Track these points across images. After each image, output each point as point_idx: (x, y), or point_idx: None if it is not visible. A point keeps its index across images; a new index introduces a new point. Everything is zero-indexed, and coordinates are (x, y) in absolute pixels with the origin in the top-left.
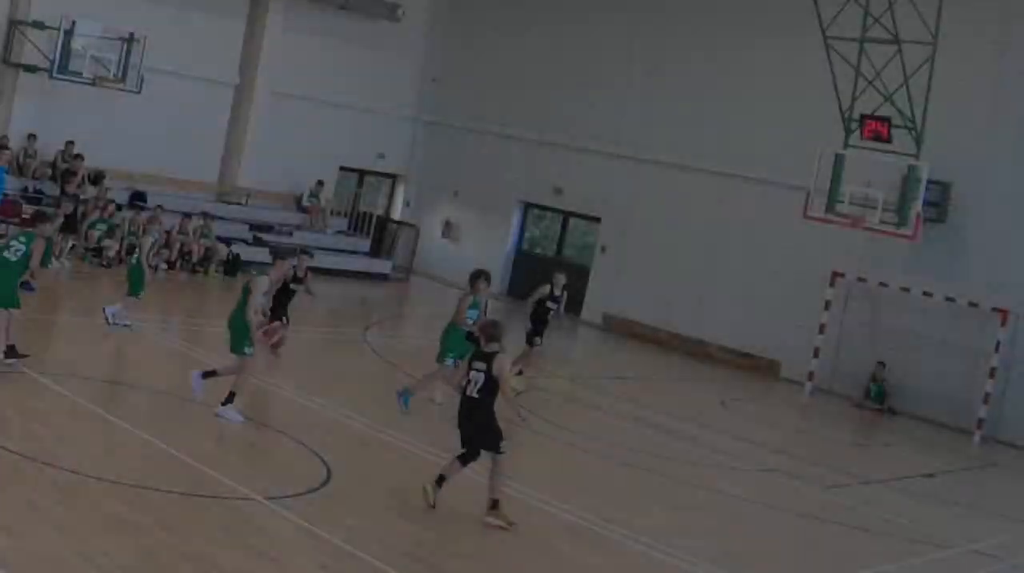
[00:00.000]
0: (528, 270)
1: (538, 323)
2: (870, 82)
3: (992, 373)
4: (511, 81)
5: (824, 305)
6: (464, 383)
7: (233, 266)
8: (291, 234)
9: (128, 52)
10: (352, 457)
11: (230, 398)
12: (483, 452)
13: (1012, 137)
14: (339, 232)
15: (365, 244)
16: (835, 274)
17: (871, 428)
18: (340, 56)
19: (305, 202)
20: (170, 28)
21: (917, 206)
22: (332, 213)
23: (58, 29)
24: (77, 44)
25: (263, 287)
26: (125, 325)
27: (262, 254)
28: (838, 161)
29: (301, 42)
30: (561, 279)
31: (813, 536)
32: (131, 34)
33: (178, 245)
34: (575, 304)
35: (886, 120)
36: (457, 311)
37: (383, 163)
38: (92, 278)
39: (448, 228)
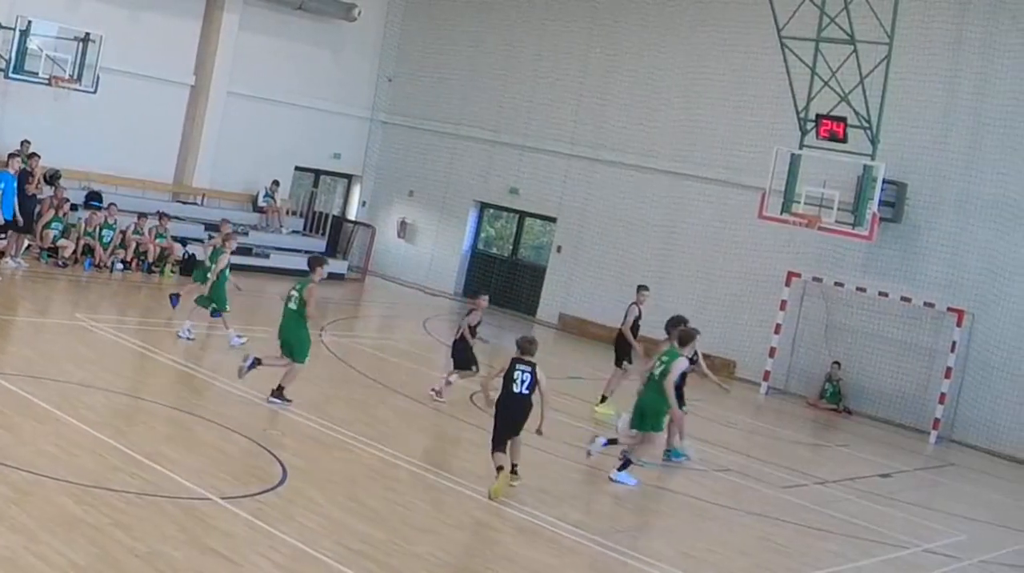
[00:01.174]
0: (484, 270)
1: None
2: (826, 82)
3: (948, 373)
4: (467, 81)
5: (780, 305)
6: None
7: (189, 266)
8: (247, 234)
9: (84, 52)
10: (308, 457)
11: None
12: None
13: (967, 137)
14: (295, 232)
15: (321, 244)
16: (791, 274)
17: (827, 428)
18: (296, 56)
19: (261, 202)
20: (126, 28)
21: (873, 206)
22: (288, 213)
23: (13, 29)
24: (33, 44)
25: (317, 295)
26: (190, 338)
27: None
28: (794, 161)
29: (257, 42)
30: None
31: (769, 536)
32: (87, 34)
33: (134, 245)
34: (531, 304)
35: (842, 120)
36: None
37: (339, 163)
38: (48, 278)
39: (404, 228)
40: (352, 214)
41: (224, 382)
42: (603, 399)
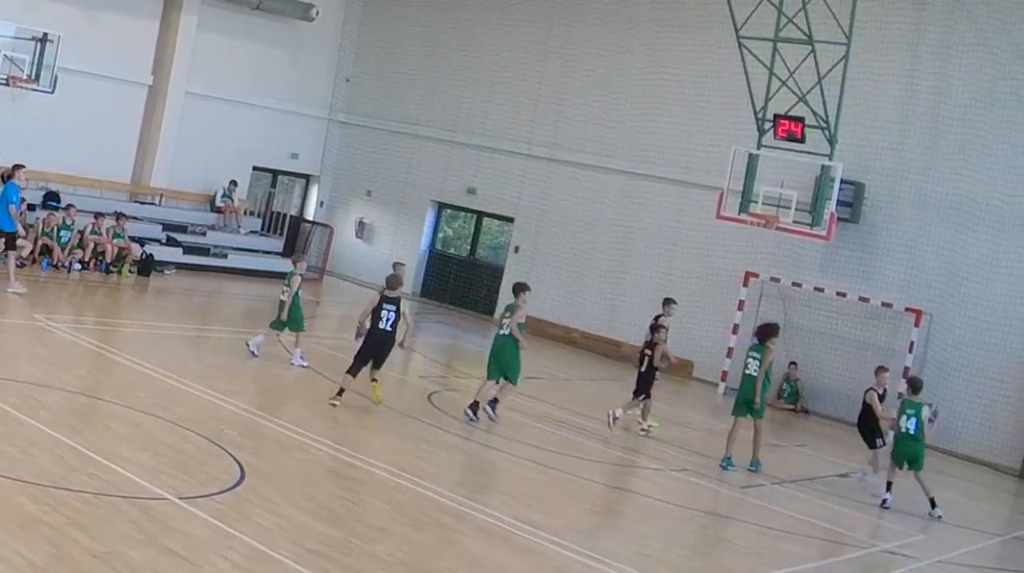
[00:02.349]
0: (441, 270)
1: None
2: (783, 82)
3: (905, 373)
4: (425, 81)
5: (737, 305)
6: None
7: (147, 266)
8: (205, 234)
9: (42, 52)
10: (266, 457)
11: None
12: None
13: (924, 137)
14: (252, 232)
15: (278, 244)
16: (748, 274)
17: (785, 428)
18: (254, 56)
19: (219, 202)
20: (84, 28)
21: (831, 206)
22: (246, 213)
23: None
24: None
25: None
26: (303, 365)
27: (175, 254)
28: (751, 161)
29: (215, 42)
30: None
31: (727, 536)
32: (45, 34)
33: (92, 245)
34: (488, 304)
35: (800, 120)
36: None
37: (296, 163)
38: (5, 278)
39: (362, 228)
40: (310, 214)
41: (182, 382)
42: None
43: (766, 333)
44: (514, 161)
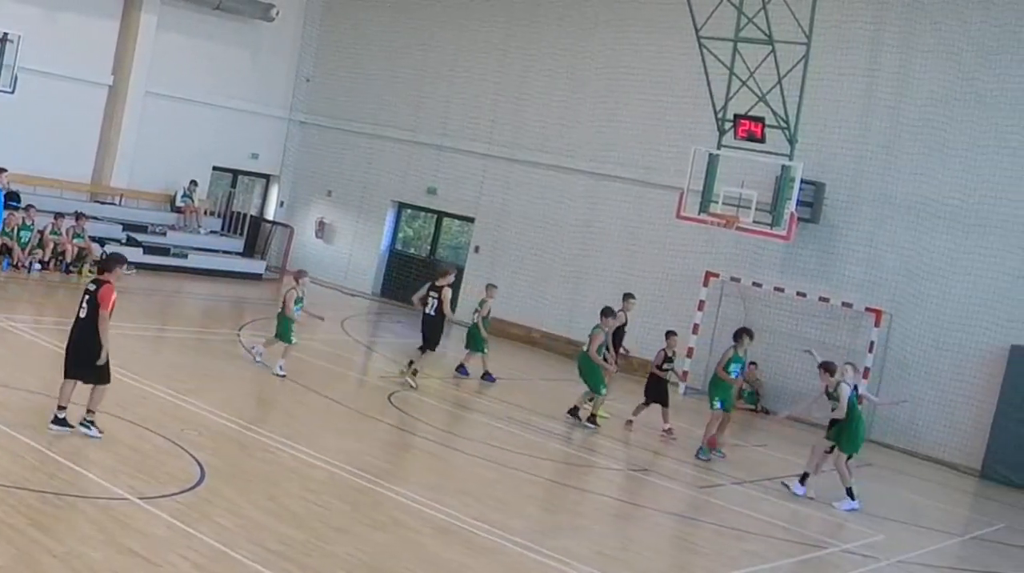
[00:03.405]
0: (402, 270)
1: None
2: (744, 82)
3: (866, 373)
4: (385, 81)
5: (698, 305)
6: None
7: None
8: (165, 234)
9: (1, 52)
10: (225, 457)
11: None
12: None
13: (884, 137)
14: (212, 232)
15: (239, 244)
16: (709, 274)
17: (744, 428)
18: (214, 56)
19: (179, 202)
20: (44, 28)
21: (791, 206)
22: (206, 213)
23: None
24: None
25: (599, 341)
26: (257, 360)
27: (136, 254)
28: (712, 161)
29: (175, 42)
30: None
31: (686, 536)
32: (4, 34)
33: (52, 245)
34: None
35: (760, 120)
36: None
37: (257, 163)
38: None
39: (322, 228)
40: (270, 214)
41: (142, 382)
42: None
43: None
44: (474, 161)
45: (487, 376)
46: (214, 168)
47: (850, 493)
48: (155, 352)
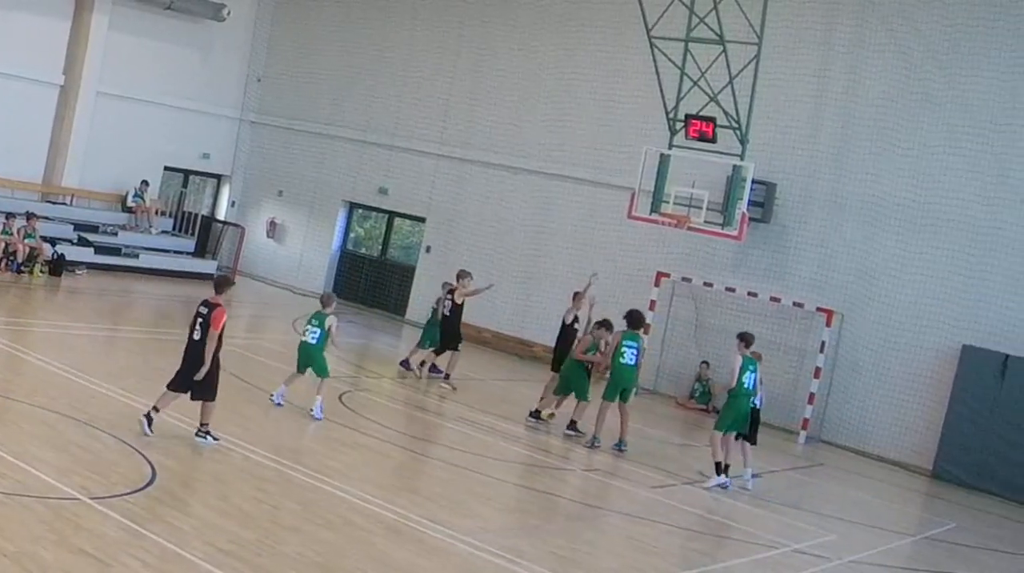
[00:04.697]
0: (353, 270)
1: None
2: (695, 82)
3: (817, 373)
4: (336, 81)
5: (649, 305)
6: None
7: (58, 266)
8: (116, 234)
9: None
10: (177, 457)
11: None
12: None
13: (834, 138)
14: (164, 232)
15: (190, 244)
16: (660, 274)
17: (696, 428)
18: (165, 56)
19: (130, 202)
20: None
21: (742, 206)
22: (157, 213)
23: None
24: None
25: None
26: (279, 404)
27: (87, 254)
28: (663, 161)
29: (126, 42)
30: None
31: (638, 536)
32: None
33: (3, 245)
34: (399, 304)
35: (711, 120)
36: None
37: (208, 163)
38: None
39: (273, 228)
40: (221, 214)
41: (93, 382)
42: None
43: (640, 321)
44: (426, 161)
45: (435, 369)
46: (165, 168)
47: (718, 468)
48: (106, 352)
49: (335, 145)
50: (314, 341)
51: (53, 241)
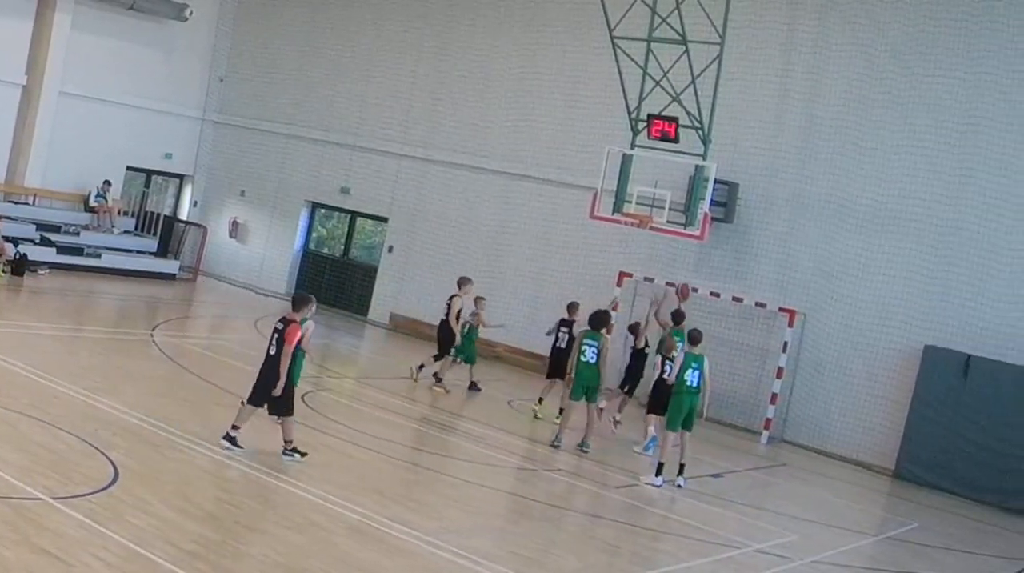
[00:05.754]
0: (315, 270)
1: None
2: (657, 82)
3: (779, 373)
4: (298, 81)
5: (612, 305)
6: None
7: (20, 266)
8: (78, 234)
9: None
10: (139, 457)
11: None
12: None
13: (798, 138)
14: (126, 232)
15: (152, 244)
16: (622, 274)
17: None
18: (128, 56)
19: (92, 202)
20: None
21: (704, 206)
22: (119, 213)
23: None
24: None
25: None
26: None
27: (49, 254)
28: (625, 161)
29: (89, 42)
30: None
31: (601, 536)
32: None
33: None
34: (362, 304)
35: (673, 120)
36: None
37: (170, 163)
38: None
39: (235, 228)
40: (184, 214)
41: (56, 382)
42: None
43: (601, 321)
44: (388, 161)
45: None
46: (128, 168)
47: (659, 469)
48: (69, 352)
49: (297, 145)
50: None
51: (16, 241)
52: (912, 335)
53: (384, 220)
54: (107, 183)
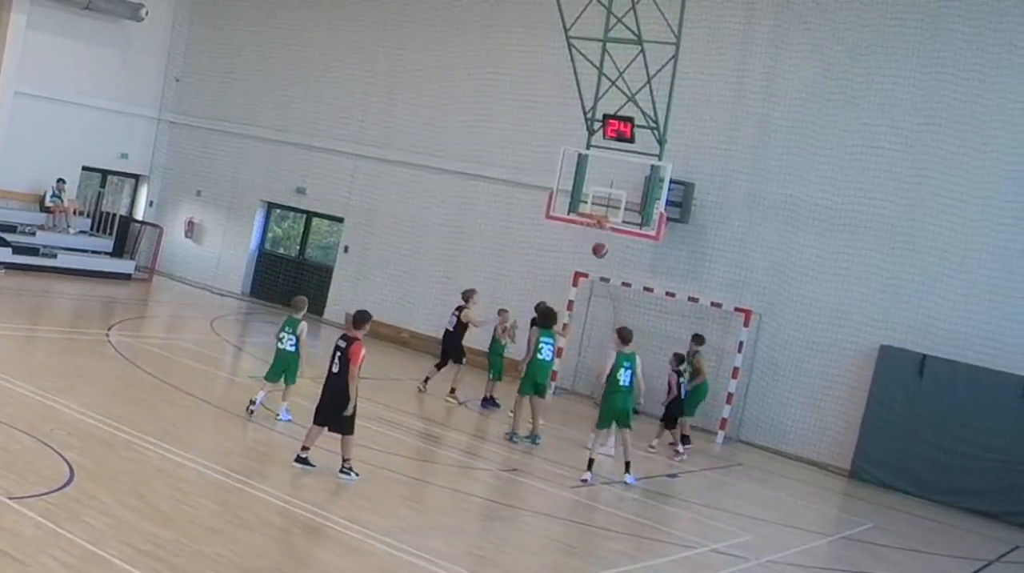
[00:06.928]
0: (271, 270)
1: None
2: (613, 82)
3: (735, 373)
4: (254, 81)
5: (567, 305)
6: None
7: None
8: (34, 234)
9: None
10: (95, 457)
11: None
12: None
13: (752, 138)
14: (82, 232)
15: (108, 244)
16: (578, 274)
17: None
18: (83, 56)
19: (48, 202)
20: None
21: (660, 206)
22: (75, 213)
23: None
24: None
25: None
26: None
27: (4, 254)
28: (581, 161)
29: (44, 42)
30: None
31: (556, 536)
32: None
33: None
34: (318, 304)
35: (629, 120)
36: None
37: (126, 163)
38: None
39: (191, 228)
40: (139, 214)
41: (10, 381)
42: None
43: (552, 318)
44: (344, 161)
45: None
46: (83, 168)
47: (590, 464)
48: (24, 352)
49: (253, 145)
50: (292, 349)
51: None
52: (868, 335)
53: (340, 220)
54: (61, 182)
